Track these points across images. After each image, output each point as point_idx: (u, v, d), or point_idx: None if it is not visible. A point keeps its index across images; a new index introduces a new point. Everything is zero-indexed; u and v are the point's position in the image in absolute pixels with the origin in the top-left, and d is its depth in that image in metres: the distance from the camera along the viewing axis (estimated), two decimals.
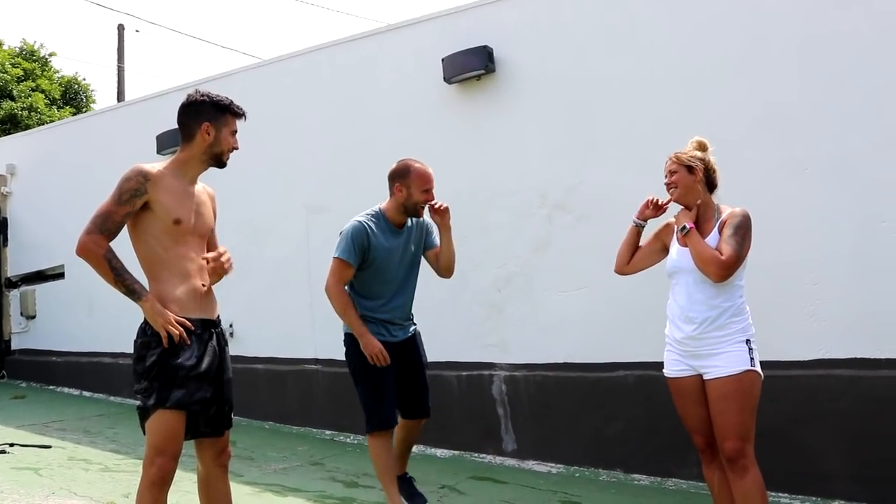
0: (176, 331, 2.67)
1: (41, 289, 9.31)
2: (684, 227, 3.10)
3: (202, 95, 2.90)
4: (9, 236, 9.81)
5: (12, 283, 9.76)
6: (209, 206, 2.97)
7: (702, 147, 3.23)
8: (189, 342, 2.71)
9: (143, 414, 2.69)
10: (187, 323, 2.72)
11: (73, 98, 16.19)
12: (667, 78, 4.80)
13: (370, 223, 3.83)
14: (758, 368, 3.01)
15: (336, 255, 3.77)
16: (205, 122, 2.85)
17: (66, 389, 8.68)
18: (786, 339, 4.30)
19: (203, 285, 2.84)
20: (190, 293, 2.79)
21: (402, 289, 3.91)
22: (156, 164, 2.86)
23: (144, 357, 2.70)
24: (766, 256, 4.16)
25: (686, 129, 3.29)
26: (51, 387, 8.89)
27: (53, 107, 14.99)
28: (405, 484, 3.96)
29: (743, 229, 3.03)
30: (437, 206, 3.81)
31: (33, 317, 9.39)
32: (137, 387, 2.71)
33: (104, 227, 2.71)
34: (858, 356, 4.17)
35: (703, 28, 4.71)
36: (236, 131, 2.95)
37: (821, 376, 4.25)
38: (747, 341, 3.01)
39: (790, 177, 4.36)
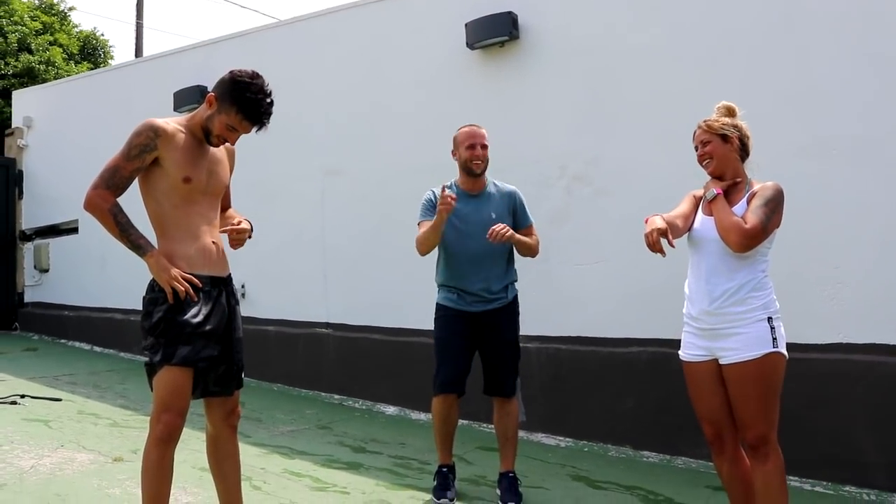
0: (181, 287, 2.62)
1: (55, 243, 9.34)
2: (711, 193, 2.89)
3: (240, 76, 2.69)
4: (24, 189, 9.83)
5: (26, 236, 9.80)
6: (225, 163, 2.90)
7: (730, 112, 2.99)
8: (196, 298, 2.66)
9: (150, 370, 2.65)
10: (194, 279, 2.67)
11: (90, 54, 16.08)
12: (694, 50, 4.68)
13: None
14: (782, 349, 2.80)
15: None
16: (213, 93, 2.73)
17: (77, 343, 8.74)
18: (804, 321, 4.21)
19: (213, 242, 2.79)
20: (199, 250, 2.73)
21: (484, 261, 3.81)
22: (171, 119, 2.79)
23: (151, 313, 2.67)
24: (788, 237, 4.05)
25: (710, 103, 3.15)
26: (62, 340, 8.96)
27: (71, 62, 14.91)
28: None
29: (774, 202, 2.82)
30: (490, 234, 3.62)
31: (46, 270, 9.43)
32: (144, 343, 2.68)
33: (111, 181, 2.66)
34: (878, 342, 4.09)
35: (734, 1, 4.57)
36: (234, 128, 2.72)
37: (838, 360, 4.18)
38: (769, 319, 2.79)
39: (816, 157, 4.25)
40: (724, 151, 2.95)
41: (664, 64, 4.77)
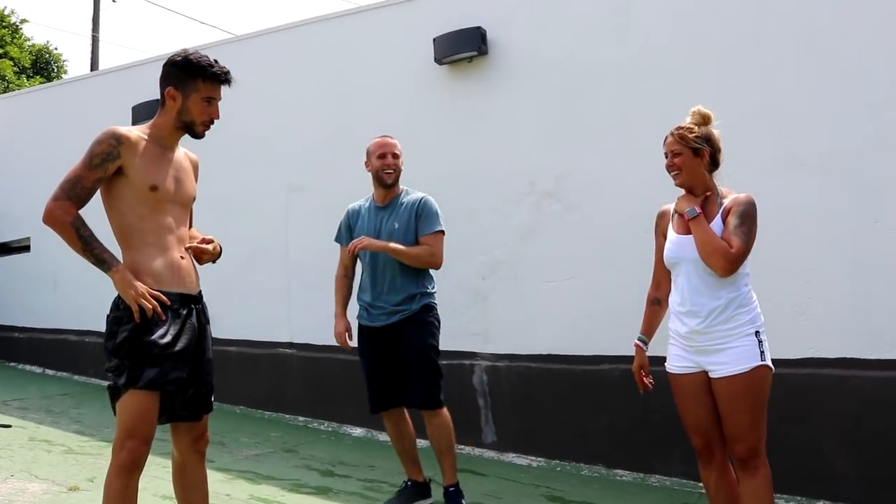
0: (149, 304, 2.48)
1: (4, 261, 8.99)
2: (693, 211, 2.84)
3: (177, 57, 2.67)
4: None
5: None
6: (190, 172, 2.78)
7: (705, 120, 2.94)
8: (164, 317, 2.52)
9: (114, 394, 2.50)
10: (162, 297, 2.52)
11: (43, 68, 15.74)
12: (662, 67, 4.69)
13: (359, 203, 4.03)
14: (768, 362, 2.81)
15: None
16: (170, 87, 2.65)
17: (28, 367, 8.41)
18: (775, 336, 4.14)
19: (182, 257, 2.66)
20: (167, 265, 2.60)
21: (383, 271, 3.84)
22: (133, 126, 2.67)
23: (116, 333, 2.51)
24: (759, 251, 4.05)
25: (679, 119, 3.12)
26: (12, 363, 8.61)
27: (23, 76, 14.55)
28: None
29: (750, 218, 2.81)
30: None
31: None
32: (108, 365, 2.52)
33: (72, 193, 2.51)
34: (848, 356, 4.11)
35: (702, 17, 4.61)
36: (213, 99, 2.68)
37: (809, 375, 4.19)
38: (756, 333, 2.80)
39: (786, 171, 4.29)
40: (693, 165, 2.90)
41: (633, 80, 4.78)
